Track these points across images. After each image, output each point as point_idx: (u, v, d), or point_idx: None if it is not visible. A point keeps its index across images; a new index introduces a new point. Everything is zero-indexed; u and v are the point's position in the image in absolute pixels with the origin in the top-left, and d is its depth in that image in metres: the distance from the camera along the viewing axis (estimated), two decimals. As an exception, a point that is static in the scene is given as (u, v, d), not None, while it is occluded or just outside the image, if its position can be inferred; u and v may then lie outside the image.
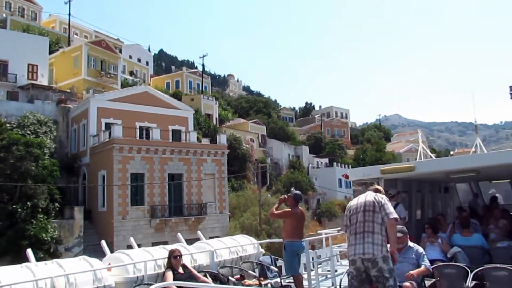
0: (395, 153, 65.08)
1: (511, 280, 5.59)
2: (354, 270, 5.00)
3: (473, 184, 13.51)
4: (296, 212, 7.49)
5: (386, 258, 4.86)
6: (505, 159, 8.08)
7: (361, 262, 4.93)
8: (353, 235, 5.06)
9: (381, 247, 4.85)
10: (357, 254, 4.94)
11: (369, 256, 4.85)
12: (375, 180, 9.63)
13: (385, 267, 4.81)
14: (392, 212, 4.96)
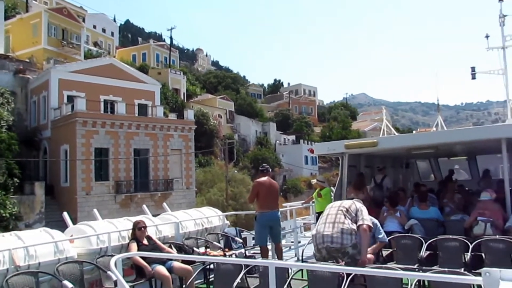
0: (360, 131, 66.45)
1: (460, 249, 5.92)
2: (319, 257, 5.11)
3: (433, 161, 14.04)
4: (263, 182, 7.53)
5: (356, 245, 4.99)
6: (461, 136, 8.42)
7: (326, 253, 5.01)
8: (323, 224, 5.13)
9: (350, 236, 4.96)
10: (325, 242, 4.99)
11: (337, 246, 4.94)
12: (339, 155, 9.84)
13: (356, 251, 4.97)
14: (368, 219, 5.08)
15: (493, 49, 17.40)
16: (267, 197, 7.47)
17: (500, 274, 1.98)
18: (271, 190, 7.53)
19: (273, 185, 7.61)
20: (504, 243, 5.80)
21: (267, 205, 7.47)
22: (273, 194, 7.58)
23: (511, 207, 7.35)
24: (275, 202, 7.63)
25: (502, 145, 7.41)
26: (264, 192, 7.47)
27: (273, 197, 7.58)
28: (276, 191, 7.65)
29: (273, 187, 7.57)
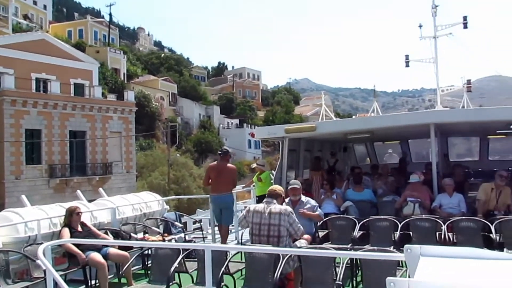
0: (302, 116, 67.78)
1: (390, 228, 6.26)
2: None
3: (369, 145, 14.66)
4: (214, 166, 7.82)
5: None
6: (394, 121, 8.84)
7: None
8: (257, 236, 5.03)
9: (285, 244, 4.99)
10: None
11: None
12: (280, 139, 9.98)
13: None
14: (300, 229, 5.03)
15: (426, 39, 18.29)
16: (217, 180, 7.61)
17: (420, 250, 2.11)
18: (222, 174, 7.61)
19: (224, 169, 7.68)
20: (429, 222, 6.20)
21: (215, 188, 7.65)
22: (223, 178, 7.63)
23: (437, 188, 7.86)
24: (225, 186, 7.66)
25: (431, 130, 7.87)
26: (214, 175, 7.65)
27: (223, 180, 7.63)
28: (227, 175, 7.68)
29: (224, 171, 7.64)
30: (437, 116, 8.29)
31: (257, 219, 4.98)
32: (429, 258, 2.14)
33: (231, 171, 7.82)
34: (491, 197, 7.02)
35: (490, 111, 9.23)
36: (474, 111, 11.88)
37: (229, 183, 7.74)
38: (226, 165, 7.80)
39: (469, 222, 5.96)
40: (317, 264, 4.33)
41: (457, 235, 5.96)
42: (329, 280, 4.20)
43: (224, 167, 7.73)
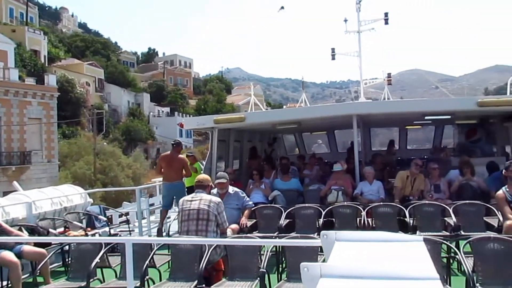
0: (234, 105, 67.94)
1: (315, 216, 6.50)
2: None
3: (297, 135, 15.06)
4: (164, 156, 8.73)
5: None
6: (320, 112, 9.16)
7: None
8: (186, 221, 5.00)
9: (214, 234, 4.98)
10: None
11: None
12: (209, 130, 9.91)
13: None
14: (225, 222, 5.10)
15: (350, 33, 19.03)
16: (168, 169, 8.32)
17: (336, 235, 2.19)
18: (173, 164, 8.30)
19: (175, 158, 8.38)
20: (350, 208, 6.53)
21: (167, 177, 8.36)
22: (174, 167, 8.31)
23: (359, 177, 8.28)
24: (176, 174, 8.33)
25: (353, 121, 8.25)
26: (165, 165, 8.41)
27: (174, 169, 8.31)
28: (176, 164, 8.34)
29: (174, 161, 8.33)
30: (359, 108, 8.70)
31: (187, 206, 5.04)
32: (344, 242, 2.25)
33: (181, 161, 8.46)
34: (407, 184, 7.54)
35: (407, 103, 9.90)
36: (393, 103, 12.64)
37: (180, 171, 8.36)
38: (177, 155, 8.45)
39: (386, 207, 6.35)
40: (242, 253, 4.39)
41: (376, 220, 6.34)
42: (254, 268, 4.27)
43: (174, 157, 8.40)
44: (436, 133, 13.88)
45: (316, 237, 4.41)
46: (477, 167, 7.79)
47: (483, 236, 4.18)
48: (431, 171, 7.61)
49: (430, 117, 10.08)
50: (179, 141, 8.88)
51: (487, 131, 11.11)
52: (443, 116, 10.10)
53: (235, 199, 6.27)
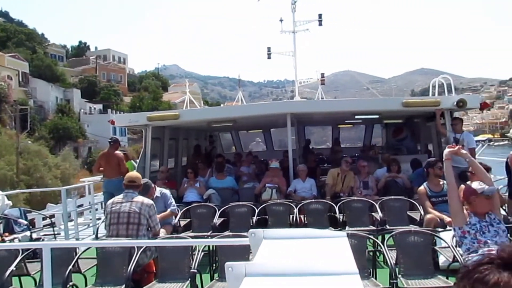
0: (171, 103, 66.64)
1: (249, 214, 6.52)
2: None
3: (234, 133, 15.07)
4: (103, 153, 9.07)
5: None
6: (255, 111, 9.23)
7: None
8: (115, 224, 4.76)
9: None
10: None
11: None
12: (142, 127, 9.61)
13: None
14: (158, 224, 4.92)
15: (286, 32, 19.35)
16: (107, 166, 8.59)
17: (263, 233, 2.18)
18: (110, 160, 8.56)
19: (111, 155, 8.64)
20: (283, 206, 6.62)
21: (106, 174, 8.68)
22: (111, 164, 8.55)
23: (293, 174, 8.43)
24: (114, 171, 8.49)
25: (287, 119, 8.39)
26: (104, 162, 8.69)
27: (111, 166, 8.55)
28: (114, 160, 8.55)
29: (111, 157, 8.58)
30: (292, 107, 8.86)
31: (116, 208, 4.78)
32: (271, 240, 2.25)
33: (118, 158, 8.66)
34: (338, 181, 7.80)
35: (338, 102, 10.27)
36: (325, 102, 13.05)
37: (118, 168, 8.53)
38: (114, 152, 8.71)
39: (318, 204, 6.52)
40: (173, 254, 4.28)
41: (308, 217, 6.48)
42: (186, 269, 4.18)
43: (112, 154, 8.66)
44: (366, 132, 14.54)
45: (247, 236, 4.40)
46: (402, 164, 8.25)
47: (404, 230, 4.42)
48: (360, 168, 7.94)
49: (360, 116, 10.53)
50: (116, 138, 9.12)
51: (412, 130, 11.80)
52: (371, 116, 10.59)
53: (162, 201, 6.04)
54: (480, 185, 3.95)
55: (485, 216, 3.93)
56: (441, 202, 5.86)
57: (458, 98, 8.31)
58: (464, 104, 8.16)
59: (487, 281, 1.30)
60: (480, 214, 3.94)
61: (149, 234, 4.80)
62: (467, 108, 8.61)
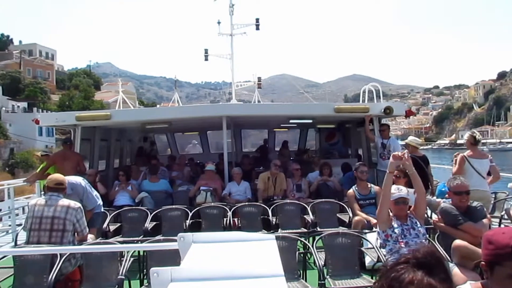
0: (104, 102, 63.97)
1: (182, 217, 6.41)
2: None
3: (169, 135, 14.78)
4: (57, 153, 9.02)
5: None
6: (190, 113, 9.10)
7: None
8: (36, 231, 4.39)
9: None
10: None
11: None
12: (71, 127, 9.13)
13: None
14: (86, 228, 4.61)
15: (223, 35, 19.34)
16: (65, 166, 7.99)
17: (193, 237, 2.16)
18: (68, 160, 8.22)
19: (70, 154, 8.40)
20: (217, 209, 6.60)
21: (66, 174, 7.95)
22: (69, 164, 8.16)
23: (228, 177, 8.42)
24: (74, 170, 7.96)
25: (223, 122, 8.37)
26: (60, 162, 8.29)
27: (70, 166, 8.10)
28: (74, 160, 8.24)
29: (71, 156, 8.31)
30: (228, 110, 8.86)
31: (38, 213, 4.40)
32: (200, 244, 2.23)
33: (78, 157, 8.42)
34: (269, 184, 7.90)
35: (273, 106, 10.45)
36: (260, 106, 13.21)
37: (72, 169, 8.05)
38: (70, 152, 8.48)
39: (251, 207, 6.56)
40: (100, 260, 4.09)
41: (242, 219, 6.50)
42: (113, 276, 4.01)
43: (70, 154, 8.42)
44: (301, 136, 14.92)
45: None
46: (334, 168, 8.55)
47: (332, 232, 4.57)
48: (294, 171, 8.11)
49: (294, 120, 10.77)
50: (69, 138, 9.04)
51: (343, 135, 12.28)
52: (305, 120, 10.88)
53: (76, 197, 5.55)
54: (394, 190, 4.15)
55: (406, 220, 4.17)
56: (368, 205, 6.16)
57: (385, 105, 8.78)
58: (391, 111, 8.64)
59: (403, 279, 1.38)
60: (401, 218, 4.17)
61: (76, 240, 4.53)
62: (393, 115, 9.11)
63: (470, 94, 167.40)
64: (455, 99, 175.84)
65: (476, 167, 6.24)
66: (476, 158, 6.34)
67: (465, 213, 4.34)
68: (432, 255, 1.41)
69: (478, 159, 6.35)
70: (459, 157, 6.41)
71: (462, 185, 4.35)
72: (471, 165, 6.24)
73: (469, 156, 6.33)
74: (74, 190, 5.28)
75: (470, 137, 6.59)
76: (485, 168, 6.35)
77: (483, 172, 6.30)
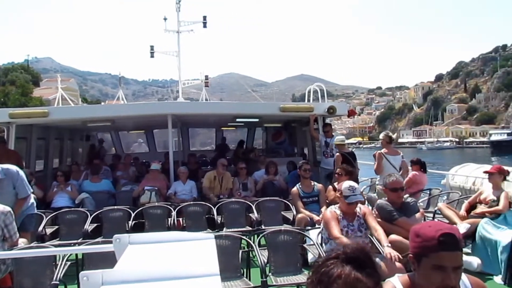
0: (43, 99, 60.76)
1: (125, 218, 6.24)
2: None
3: (113, 134, 14.31)
4: None
5: None
6: (133, 111, 8.89)
7: None
8: None
9: None
10: None
11: None
12: (4, 125, 8.63)
13: None
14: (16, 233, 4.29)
15: (170, 32, 19.00)
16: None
17: (129, 238, 2.11)
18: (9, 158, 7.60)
19: (11, 152, 8.03)
20: (161, 209, 6.48)
21: None
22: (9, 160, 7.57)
23: (174, 177, 8.30)
24: None
25: (168, 121, 8.23)
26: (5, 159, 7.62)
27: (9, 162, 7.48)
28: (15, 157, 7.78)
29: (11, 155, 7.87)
30: (173, 108, 8.73)
31: None
32: (137, 245, 2.18)
33: (18, 155, 8.09)
34: (216, 184, 7.88)
35: (219, 105, 10.43)
36: (206, 104, 13.14)
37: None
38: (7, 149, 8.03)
39: (196, 206, 6.50)
40: (33, 266, 3.88)
41: (186, 219, 6.43)
42: (47, 281, 3.82)
43: (11, 151, 8.04)
44: (249, 134, 15.00)
45: (111, 242, 4.18)
46: (280, 166, 8.68)
47: (275, 230, 4.63)
48: (239, 170, 8.13)
49: (241, 119, 10.82)
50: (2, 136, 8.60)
51: (290, 134, 12.50)
52: (252, 119, 10.95)
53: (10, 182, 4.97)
54: (348, 190, 4.12)
55: (353, 220, 4.21)
56: (311, 202, 6.31)
57: (329, 105, 9.05)
58: (334, 111, 8.93)
59: (331, 274, 1.43)
60: (349, 216, 4.20)
61: (5, 246, 4.25)
62: (336, 114, 9.40)
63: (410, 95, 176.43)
64: (397, 99, 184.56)
65: (392, 162, 7.17)
66: (391, 154, 7.32)
67: (400, 209, 4.57)
68: (361, 251, 1.48)
69: (392, 155, 7.31)
70: (377, 154, 7.33)
71: (397, 181, 4.59)
72: (388, 160, 7.18)
73: (385, 153, 7.29)
74: (8, 175, 4.90)
75: (385, 137, 7.60)
76: (398, 163, 7.28)
77: (397, 166, 7.20)
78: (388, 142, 7.53)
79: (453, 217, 5.71)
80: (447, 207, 6.04)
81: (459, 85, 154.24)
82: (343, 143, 8.08)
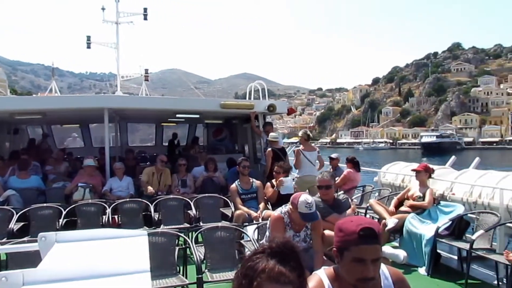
0: (-34, 89, 56.18)
1: (55, 216, 5.94)
2: None
3: (46, 128, 13.54)
4: None
5: None
6: (68, 103, 8.46)
7: None
8: None
9: None
10: None
11: None
12: None
13: None
14: None
15: (108, 23, 18.29)
16: None
17: (56, 237, 2.02)
18: None
19: None
20: (95, 206, 6.25)
21: None
22: None
23: (110, 173, 8.02)
24: None
25: (104, 115, 7.93)
26: None
27: None
28: None
29: None
30: (110, 101, 8.42)
31: None
32: (64, 244, 2.10)
33: None
34: (154, 180, 7.73)
35: (158, 100, 10.18)
36: (145, 99, 12.79)
37: None
38: None
39: (132, 203, 6.34)
40: None
41: (122, 216, 6.25)
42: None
43: None
44: (190, 131, 14.84)
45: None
46: (220, 163, 8.68)
47: (212, 226, 4.63)
48: (179, 167, 8.03)
49: (181, 115, 10.67)
50: None
51: (230, 131, 12.52)
52: (192, 115, 10.85)
53: None
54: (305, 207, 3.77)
55: (300, 230, 4.01)
56: (250, 199, 6.38)
57: (269, 103, 9.19)
58: (274, 109, 9.08)
59: (256, 268, 1.46)
60: (297, 225, 3.98)
61: None
62: (276, 112, 9.56)
63: (349, 97, 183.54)
64: (336, 101, 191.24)
65: (308, 157, 7.81)
66: (308, 151, 7.95)
67: (332, 206, 4.76)
68: (286, 245, 1.53)
69: (309, 151, 7.96)
70: (296, 151, 8.04)
71: (322, 179, 4.80)
72: (305, 156, 7.81)
73: (303, 149, 7.93)
74: None
75: (304, 134, 8.27)
76: (314, 158, 7.94)
77: (314, 161, 7.88)
78: (306, 139, 8.18)
79: (383, 213, 6.04)
80: (377, 203, 6.37)
81: (394, 89, 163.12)
82: (276, 140, 8.38)
